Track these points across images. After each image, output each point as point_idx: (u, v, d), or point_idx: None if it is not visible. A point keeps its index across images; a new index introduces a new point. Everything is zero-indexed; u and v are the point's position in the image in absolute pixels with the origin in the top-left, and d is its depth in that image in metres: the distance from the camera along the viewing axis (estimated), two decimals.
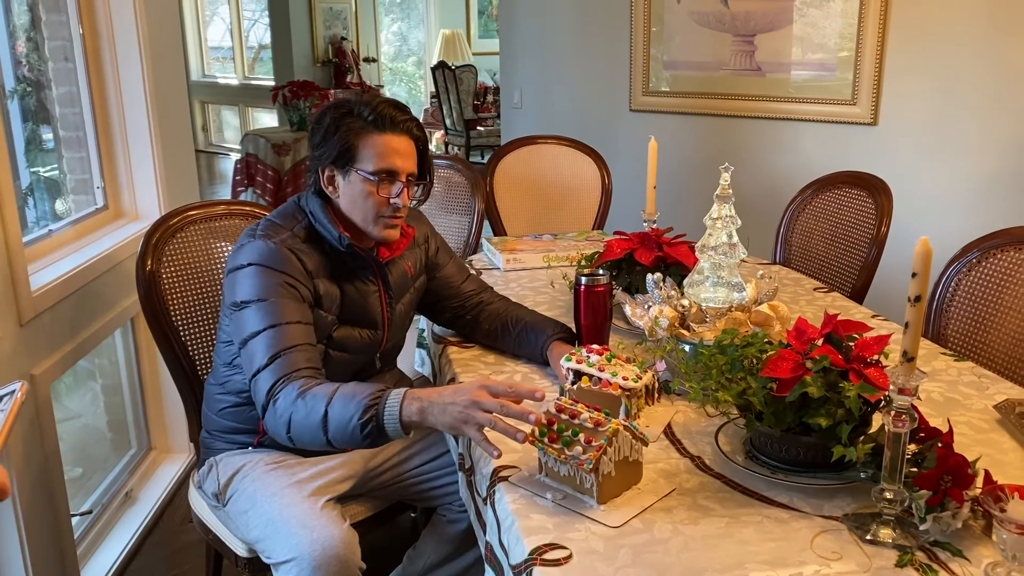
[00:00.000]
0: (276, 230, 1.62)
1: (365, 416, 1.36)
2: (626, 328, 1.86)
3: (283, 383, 1.46)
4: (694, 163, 3.79)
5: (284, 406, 1.44)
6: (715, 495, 1.28)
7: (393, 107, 1.63)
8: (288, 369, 1.48)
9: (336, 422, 1.39)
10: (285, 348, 1.50)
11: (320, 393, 1.42)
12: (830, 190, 2.60)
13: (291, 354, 1.50)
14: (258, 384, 1.49)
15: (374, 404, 1.37)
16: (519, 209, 3.14)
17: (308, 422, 1.41)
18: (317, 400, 1.41)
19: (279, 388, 1.46)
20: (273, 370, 1.48)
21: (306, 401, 1.42)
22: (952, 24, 3.15)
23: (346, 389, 1.42)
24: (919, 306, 1.10)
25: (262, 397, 1.48)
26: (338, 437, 1.40)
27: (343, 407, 1.39)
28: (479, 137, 8.42)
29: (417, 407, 1.35)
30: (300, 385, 1.45)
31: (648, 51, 3.92)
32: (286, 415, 1.44)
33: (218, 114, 10.22)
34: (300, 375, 1.48)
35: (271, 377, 1.48)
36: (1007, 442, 1.43)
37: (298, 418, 1.43)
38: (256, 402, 1.51)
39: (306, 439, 1.44)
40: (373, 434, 1.37)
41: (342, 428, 1.38)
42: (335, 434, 1.40)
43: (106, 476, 2.60)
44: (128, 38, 2.57)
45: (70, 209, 2.61)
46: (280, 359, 1.49)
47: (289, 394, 1.45)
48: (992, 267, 1.93)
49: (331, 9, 9.05)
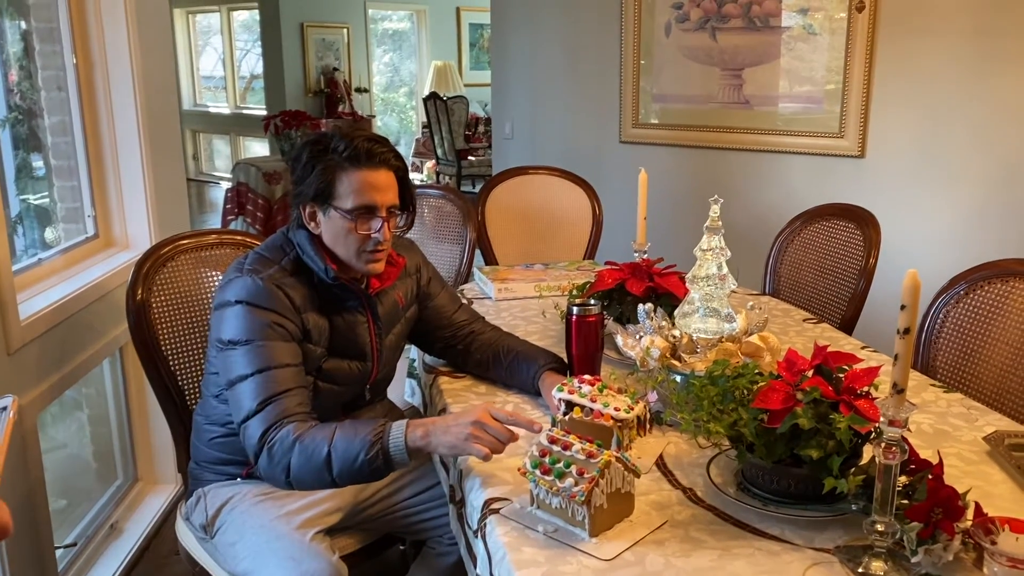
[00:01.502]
0: (264, 264, 1.63)
1: (372, 451, 1.42)
2: (617, 358, 1.86)
3: (275, 429, 1.48)
4: (684, 194, 3.82)
5: (281, 452, 1.46)
6: (707, 527, 1.28)
7: (369, 140, 1.62)
8: (279, 415, 1.49)
9: (341, 461, 1.43)
10: (275, 394, 1.51)
11: (319, 436, 1.46)
12: (818, 222, 2.62)
13: (281, 400, 1.51)
14: (248, 431, 1.51)
15: (378, 439, 1.43)
16: (511, 238, 3.15)
17: (311, 465, 1.45)
18: (317, 443, 1.45)
19: (272, 435, 1.48)
20: (263, 417, 1.49)
21: (305, 445, 1.45)
22: (937, 58, 3.20)
23: (345, 429, 1.46)
24: (908, 338, 1.11)
25: (254, 444, 1.50)
26: (344, 474, 1.45)
27: (347, 446, 1.43)
28: (470, 167, 8.48)
29: (422, 432, 1.42)
30: (294, 430, 1.47)
31: (638, 84, 3.97)
32: (284, 461, 1.46)
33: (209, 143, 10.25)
34: (291, 420, 1.49)
35: (262, 424, 1.49)
36: (997, 474, 1.43)
37: (299, 463, 1.46)
38: (247, 447, 1.52)
39: (309, 481, 1.48)
40: (380, 467, 1.43)
41: (348, 465, 1.43)
42: (340, 472, 1.44)
43: (91, 507, 2.57)
44: (121, 68, 2.58)
45: (60, 237, 2.60)
46: (270, 405, 1.50)
47: (284, 440, 1.46)
48: (980, 299, 1.94)
49: (323, 40, 9.13)
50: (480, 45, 10.68)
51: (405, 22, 10.77)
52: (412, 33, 10.74)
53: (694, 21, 3.76)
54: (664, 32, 3.85)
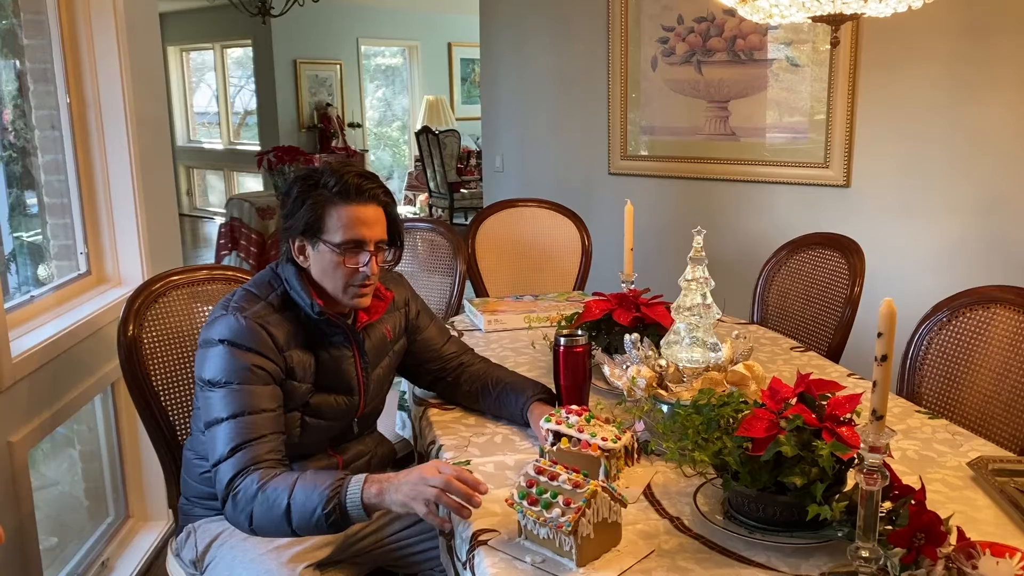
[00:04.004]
0: (250, 301, 1.64)
1: (328, 506, 1.42)
2: (605, 388, 1.87)
3: (242, 477, 1.49)
4: (672, 225, 3.86)
5: (244, 501, 1.47)
6: (694, 556, 1.29)
7: (359, 176, 1.65)
8: (248, 462, 1.50)
9: (299, 513, 1.43)
10: (246, 440, 1.52)
11: (280, 485, 1.46)
12: (804, 251, 2.65)
13: (253, 447, 1.52)
14: (218, 475, 1.52)
15: (335, 494, 1.42)
16: (501, 270, 3.17)
17: (271, 516, 1.46)
18: (278, 493, 1.45)
19: (238, 482, 1.49)
20: (233, 463, 1.50)
21: (267, 495, 1.46)
22: (917, 88, 3.26)
23: (305, 480, 1.46)
24: (886, 365, 1.13)
25: (222, 489, 1.51)
26: (302, 527, 1.45)
27: (305, 499, 1.43)
28: (463, 199, 8.53)
29: (376, 489, 1.42)
30: (259, 478, 1.48)
31: (626, 116, 4.03)
32: (247, 510, 1.47)
33: (203, 178, 10.31)
34: (258, 468, 1.50)
35: (230, 470, 1.50)
36: (981, 499, 1.45)
37: (260, 512, 1.46)
38: (217, 492, 1.53)
39: (270, 530, 1.49)
40: (337, 521, 1.43)
41: (306, 519, 1.43)
42: (299, 524, 1.45)
43: (82, 545, 2.56)
44: (115, 107, 2.61)
45: (52, 275, 2.62)
46: (242, 451, 1.51)
47: (248, 488, 1.47)
48: (962, 326, 1.97)
49: (316, 76, 9.22)
50: (471, 79, 10.81)
51: (397, 57, 10.89)
52: (404, 68, 10.86)
53: (680, 55, 3.82)
54: (651, 66, 3.91)
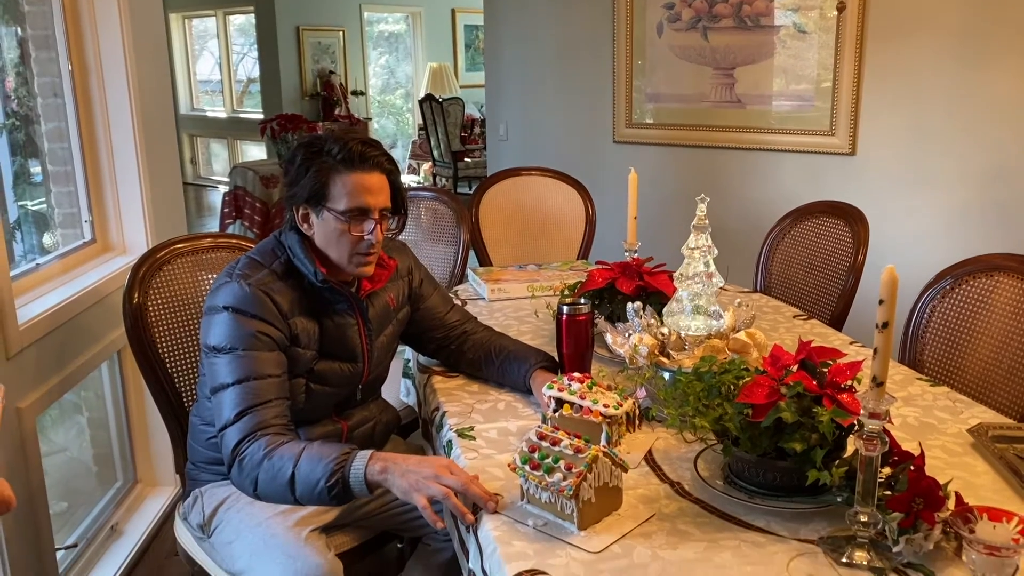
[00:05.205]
0: (254, 268, 1.65)
1: (332, 479, 1.42)
2: (607, 356, 1.88)
3: (248, 441, 1.50)
4: (677, 193, 3.85)
5: (250, 466, 1.49)
6: (694, 520, 1.30)
7: (363, 144, 1.64)
8: (255, 427, 1.51)
9: (303, 483, 1.44)
10: (253, 405, 1.53)
11: (286, 454, 1.47)
12: (809, 219, 2.65)
13: (259, 411, 1.52)
14: (224, 439, 1.53)
15: (340, 467, 1.43)
16: (504, 239, 3.17)
17: (276, 484, 1.47)
18: (284, 461, 1.46)
19: (244, 447, 1.50)
20: (239, 427, 1.51)
21: (272, 462, 1.47)
22: (925, 56, 3.23)
23: (312, 451, 1.46)
24: (887, 332, 1.14)
25: (228, 453, 1.52)
26: (305, 496, 1.46)
27: (310, 469, 1.44)
28: (467, 168, 8.49)
29: (380, 467, 1.42)
30: (266, 444, 1.49)
31: (631, 84, 4.00)
32: (252, 475, 1.49)
33: (207, 147, 10.28)
34: (266, 433, 1.51)
35: (237, 435, 1.51)
36: (980, 465, 1.46)
37: (265, 479, 1.48)
38: (223, 456, 1.54)
39: (274, 498, 1.50)
40: (340, 494, 1.43)
41: (309, 489, 1.44)
42: (302, 494, 1.46)
43: (91, 510, 2.59)
44: (117, 74, 2.60)
45: (58, 243, 2.62)
46: (247, 416, 1.52)
47: (255, 454, 1.49)
48: (965, 293, 1.97)
49: (319, 43, 9.15)
50: (475, 46, 10.71)
51: (400, 24, 10.79)
52: (407, 35, 10.77)
53: (685, 21, 3.78)
54: (656, 32, 3.88)
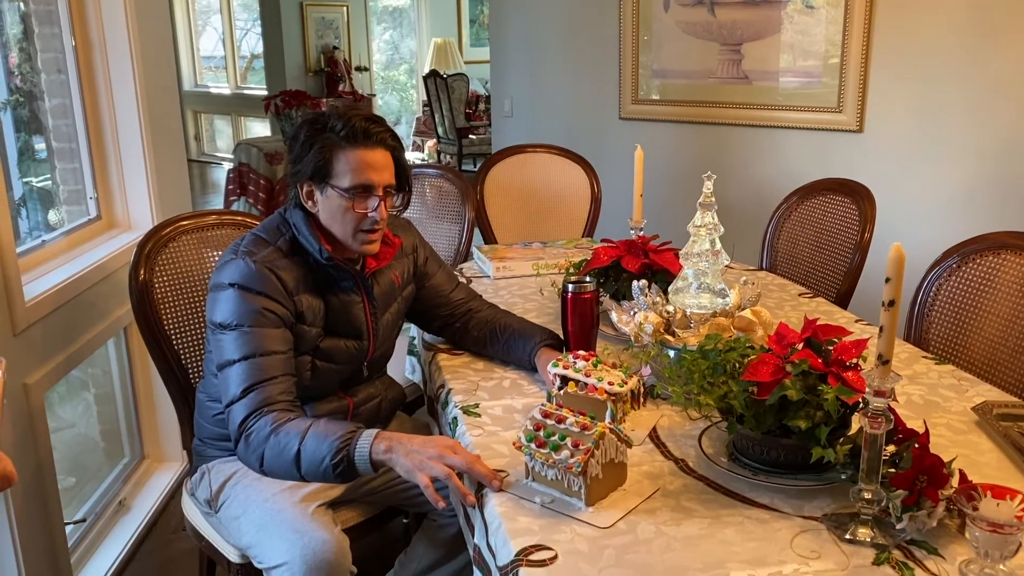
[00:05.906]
0: (259, 245, 1.65)
1: (337, 457, 1.43)
2: (613, 334, 1.89)
3: (255, 417, 1.51)
4: (683, 170, 3.83)
5: (257, 442, 1.50)
6: (698, 496, 1.31)
7: (366, 120, 1.64)
8: (261, 403, 1.52)
9: (309, 460, 1.45)
10: (259, 381, 1.53)
11: (292, 431, 1.48)
12: (815, 197, 2.63)
13: (265, 387, 1.53)
14: (231, 415, 1.54)
15: (345, 445, 1.44)
16: (509, 217, 3.17)
17: (281, 460, 1.48)
18: (290, 437, 1.47)
19: (251, 423, 1.51)
20: (246, 403, 1.52)
21: (279, 438, 1.48)
22: (934, 32, 3.19)
23: (318, 428, 1.47)
24: (893, 310, 1.13)
25: (235, 429, 1.53)
26: (311, 473, 1.47)
27: (316, 446, 1.45)
28: (471, 145, 8.46)
29: (386, 445, 1.43)
30: (272, 420, 1.50)
31: (637, 60, 3.96)
32: (259, 451, 1.50)
33: (211, 123, 10.24)
34: (272, 409, 1.52)
35: (243, 411, 1.52)
36: (984, 443, 1.46)
37: (271, 455, 1.49)
38: (230, 432, 1.55)
39: (279, 474, 1.51)
40: (344, 472, 1.45)
41: (315, 466, 1.45)
42: (308, 471, 1.47)
43: (99, 485, 2.62)
44: (120, 50, 2.59)
45: (63, 220, 2.63)
46: (254, 392, 1.53)
47: (262, 429, 1.49)
48: (971, 272, 1.96)
49: (323, 18, 9.09)
50: (480, 21, 10.62)
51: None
52: (411, 10, 10.68)
53: None
54: (663, 7, 3.84)
